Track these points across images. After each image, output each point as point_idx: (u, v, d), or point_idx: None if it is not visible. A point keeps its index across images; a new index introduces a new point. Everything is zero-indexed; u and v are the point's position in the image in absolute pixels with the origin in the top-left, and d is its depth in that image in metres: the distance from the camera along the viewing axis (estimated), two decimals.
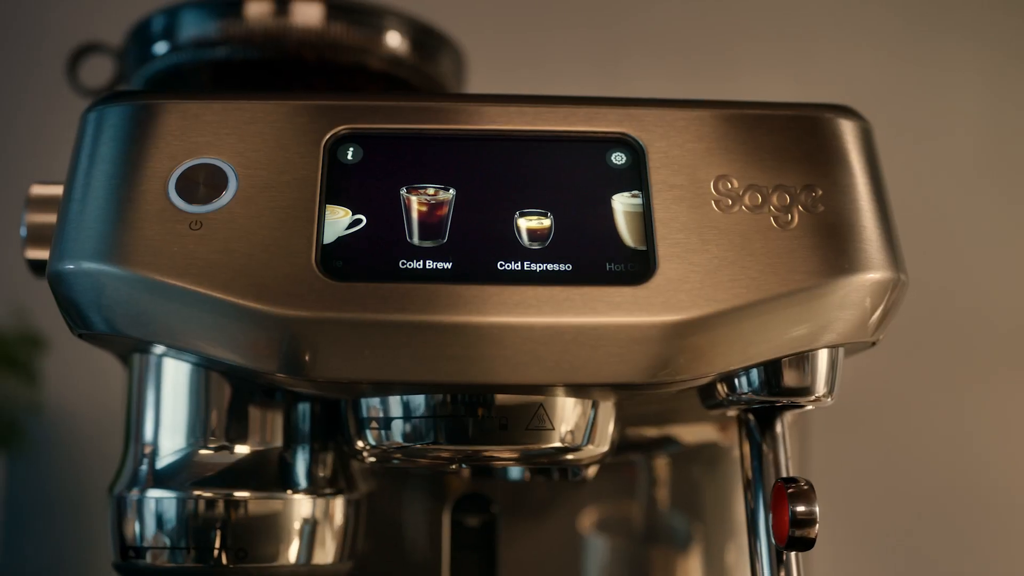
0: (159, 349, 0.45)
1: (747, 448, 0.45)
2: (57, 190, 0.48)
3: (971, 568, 0.85)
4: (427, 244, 0.41)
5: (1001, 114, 0.90)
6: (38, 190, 0.48)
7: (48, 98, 0.83)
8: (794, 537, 0.41)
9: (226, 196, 0.41)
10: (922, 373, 0.87)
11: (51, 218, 0.48)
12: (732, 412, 0.46)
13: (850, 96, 0.86)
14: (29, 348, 0.73)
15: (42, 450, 0.79)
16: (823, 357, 0.43)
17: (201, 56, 0.54)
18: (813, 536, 0.41)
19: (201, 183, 0.42)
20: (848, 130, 0.44)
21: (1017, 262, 0.89)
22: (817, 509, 0.41)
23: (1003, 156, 0.89)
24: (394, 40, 0.55)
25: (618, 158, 0.43)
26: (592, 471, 0.52)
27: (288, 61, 0.53)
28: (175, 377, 0.46)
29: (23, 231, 0.48)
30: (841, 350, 0.44)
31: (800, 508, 0.41)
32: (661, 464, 0.59)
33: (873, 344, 0.45)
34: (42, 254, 0.48)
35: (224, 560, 0.45)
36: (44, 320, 0.75)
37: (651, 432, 0.58)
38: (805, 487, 0.42)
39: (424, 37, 0.56)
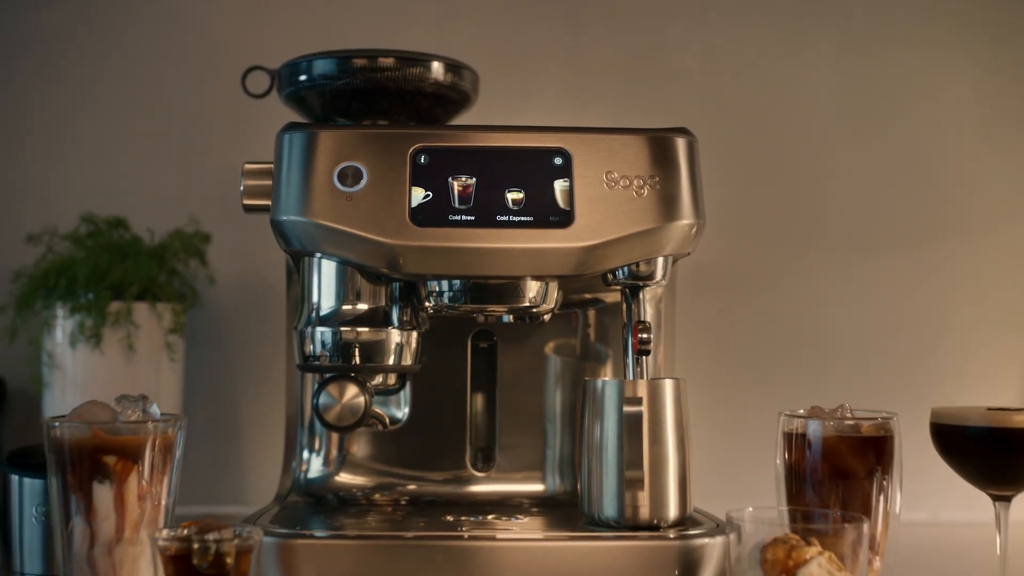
0: (318, 255, 0.86)
1: (624, 307, 0.86)
2: (260, 166, 0.87)
3: (803, 390, 1.23)
4: (462, 207, 0.82)
5: (848, 72, 1.28)
6: (249, 166, 0.87)
7: (221, 94, 1.19)
8: (640, 349, 0.83)
9: (363, 183, 0.82)
10: (781, 255, 1.23)
11: (259, 182, 0.87)
12: (617, 287, 0.87)
13: (742, 62, 1.24)
14: (201, 241, 1.13)
15: (212, 309, 1.21)
16: (660, 261, 0.84)
17: (326, 84, 0.93)
18: (649, 348, 0.83)
19: (349, 176, 0.82)
20: (680, 144, 0.84)
21: (856, 176, 1.26)
22: (651, 335, 0.83)
23: (850, 100, 1.26)
24: (438, 73, 0.94)
25: (558, 160, 0.83)
26: (547, 318, 0.93)
27: (377, 88, 0.93)
28: (328, 270, 0.86)
29: (241, 188, 0.88)
30: (671, 257, 0.85)
31: (643, 335, 0.83)
32: (591, 314, 0.98)
33: (688, 254, 0.86)
34: (253, 201, 0.87)
35: (357, 361, 0.87)
36: (209, 224, 1.16)
37: (585, 296, 0.98)
38: (648, 324, 0.84)
39: (455, 68, 0.95)
